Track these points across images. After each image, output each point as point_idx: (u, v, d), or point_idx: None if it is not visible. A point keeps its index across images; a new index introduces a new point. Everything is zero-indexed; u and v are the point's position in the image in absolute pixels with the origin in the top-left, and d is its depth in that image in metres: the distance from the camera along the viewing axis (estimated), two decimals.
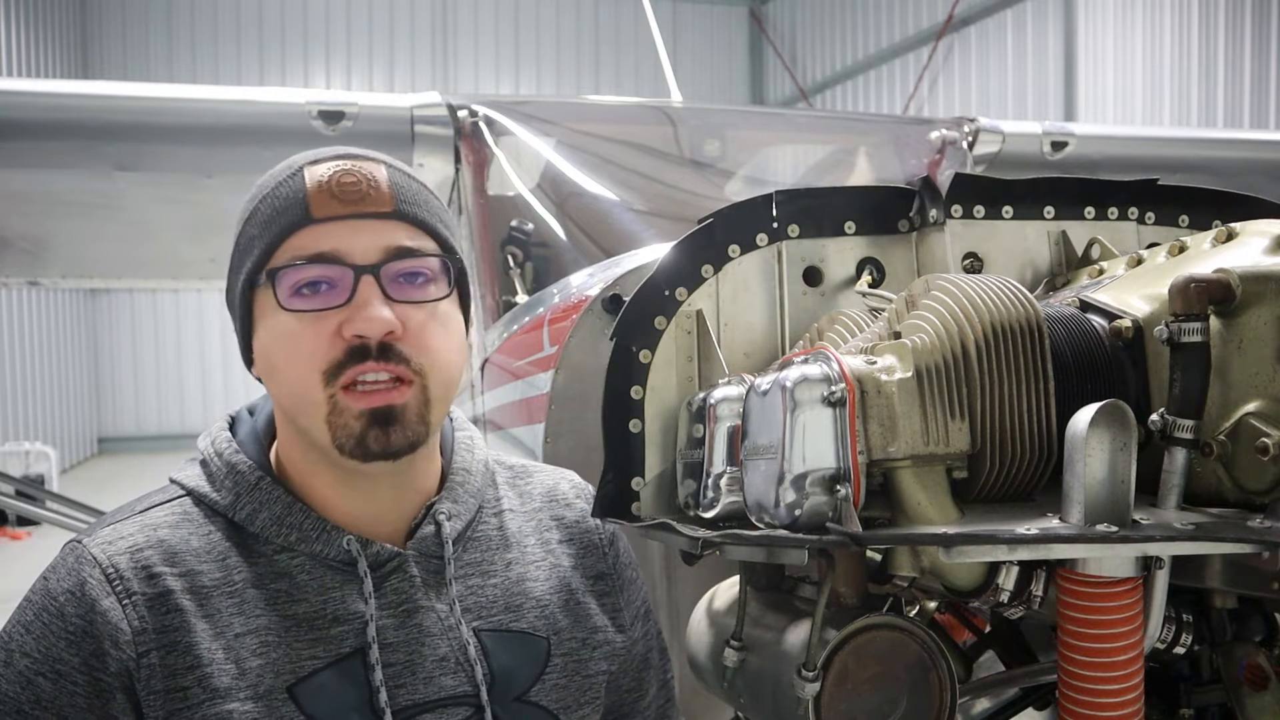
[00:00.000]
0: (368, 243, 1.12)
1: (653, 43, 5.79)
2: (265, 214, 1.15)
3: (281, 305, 1.11)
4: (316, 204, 1.12)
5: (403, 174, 1.19)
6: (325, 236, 1.12)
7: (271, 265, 1.13)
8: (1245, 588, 1.09)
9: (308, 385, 1.11)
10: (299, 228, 1.12)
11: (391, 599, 1.16)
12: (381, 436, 1.11)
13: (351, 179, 1.13)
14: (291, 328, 1.11)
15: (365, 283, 1.11)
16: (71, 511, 5.67)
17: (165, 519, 1.15)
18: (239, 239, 1.18)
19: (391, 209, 1.14)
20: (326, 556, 1.15)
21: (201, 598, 1.10)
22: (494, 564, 1.26)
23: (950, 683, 1.09)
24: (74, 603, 1.08)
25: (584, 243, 3.11)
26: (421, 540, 1.20)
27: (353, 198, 1.13)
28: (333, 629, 1.13)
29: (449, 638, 1.17)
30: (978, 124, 3.96)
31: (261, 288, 1.14)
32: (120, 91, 3.63)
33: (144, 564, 1.10)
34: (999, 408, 1.07)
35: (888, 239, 1.42)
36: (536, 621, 1.25)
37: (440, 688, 1.15)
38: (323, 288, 1.11)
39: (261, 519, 1.15)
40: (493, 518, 1.30)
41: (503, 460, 1.40)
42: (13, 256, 5.40)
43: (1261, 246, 1.10)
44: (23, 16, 13.41)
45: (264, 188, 1.18)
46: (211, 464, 1.20)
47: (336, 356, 1.10)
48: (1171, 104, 10.34)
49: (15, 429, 13.12)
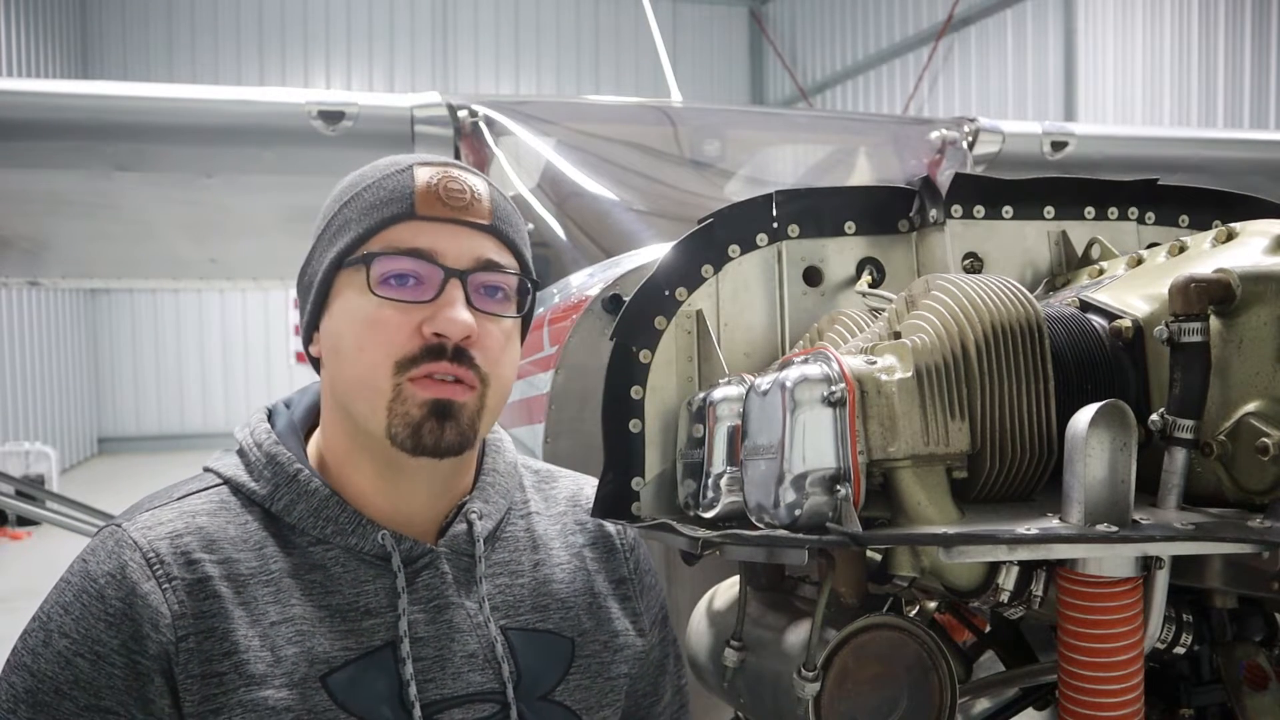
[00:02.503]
0: (461, 249, 1.17)
1: (653, 43, 5.80)
2: (369, 200, 1.18)
3: (371, 289, 1.14)
4: (423, 202, 1.17)
5: (500, 193, 1.24)
6: (424, 234, 1.16)
7: (368, 250, 1.16)
8: (1245, 588, 1.08)
9: (377, 372, 1.13)
10: (402, 220, 1.16)
11: (423, 594, 1.18)
12: (436, 429, 1.13)
13: (458, 186, 1.19)
14: (374, 313, 1.14)
15: (452, 285, 1.15)
16: (71, 511, 5.66)
17: (204, 506, 1.17)
18: (333, 219, 1.21)
19: (489, 222, 1.20)
20: (361, 550, 1.17)
21: (238, 585, 1.12)
22: (522, 564, 1.28)
23: (950, 683, 1.09)
24: (114, 585, 1.09)
25: (584, 243, 3.11)
26: (453, 538, 1.23)
27: (457, 204, 1.18)
28: (365, 621, 1.15)
29: (478, 635, 1.20)
30: (978, 124, 3.96)
31: (352, 269, 1.17)
32: (120, 91, 3.63)
33: (183, 550, 1.12)
34: (999, 408, 1.06)
35: (888, 239, 1.42)
36: (562, 623, 1.27)
37: (468, 683, 1.17)
38: (410, 282, 1.15)
39: (299, 510, 1.17)
40: (520, 519, 1.33)
41: (528, 464, 1.44)
42: (13, 256, 5.41)
43: (1261, 246, 1.10)
44: (23, 16, 13.41)
45: (367, 177, 1.21)
46: (250, 454, 1.21)
47: (413, 351, 1.13)
48: (1171, 104, 10.34)
49: (15, 429, 13.12)
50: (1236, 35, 9.69)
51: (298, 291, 1.27)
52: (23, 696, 1.08)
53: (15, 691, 1.08)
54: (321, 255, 1.21)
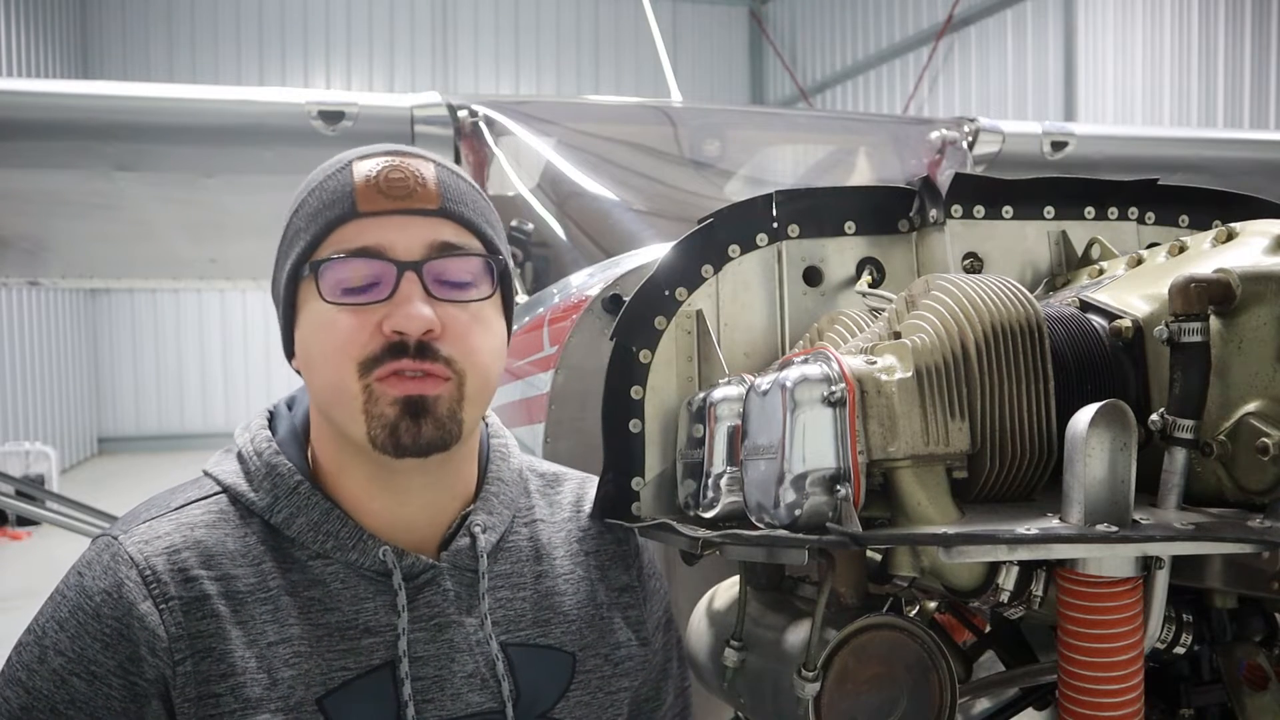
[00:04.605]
0: (412, 239, 1.12)
1: (653, 43, 5.80)
2: (312, 206, 1.15)
3: (324, 297, 1.11)
4: (363, 198, 1.12)
5: (451, 173, 1.18)
6: (369, 230, 1.12)
7: (315, 257, 1.12)
8: (1245, 588, 1.09)
9: (344, 376, 1.10)
10: (345, 221, 1.12)
11: (424, 612, 1.15)
12: (413, 427, 1.09)
13: (399, 175, 1.13)
14: (332, 319, 1.11)
15: (407, 279, 1.10)
16: (71, 511, 5.65)
17: (202, 518, 1.14)
18: (285, 231, 1.18)
19: (438, 206, 1.14)
20: (361, 566, 1.14)
21: (236, 603, 1.09)
22: (524, 576, 1.25)
23: (950, 683, 1.09)
24: (110, 604, 1.06)
25: (584, 243, 3.11)
26: (456, 553, 1.19)
27: (399, 193, 1.12)
28: (364, 640, 1.12)
29: (477, 653, 1.17)
30: (978, 124, 3.96)
31: (305, 280, 1.13)
32: (120, 91, 3.63)
33: (181, 566, 1.09)
34: (999, 408, 1.06)
35: (888, 239, 1.42)
36: (563, 637, 1.24)
37: (467, 704, 1.15)
38: (365, 281, 1.11)
39: (299, 524, 1.14)
40: (524, 528, 1.29)
41: (535, 467, 1.39)
42: (13, 256, 5.41)
43: (1261, 246, 1.10)
44: (23, 16, 13.41)
45: (312, 181, 1.17)
46: (250, 463, 1.18)
47: (374, 350, 1.09)
48: (1171, 104, 10.33)
49: (15, 429, 13.11)
50: (1236, 35, 9.69)
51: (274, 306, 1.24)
52: (17, 713, 1.05)
53: (10, 707, 1.06)
54: (280, 268, 1.18)
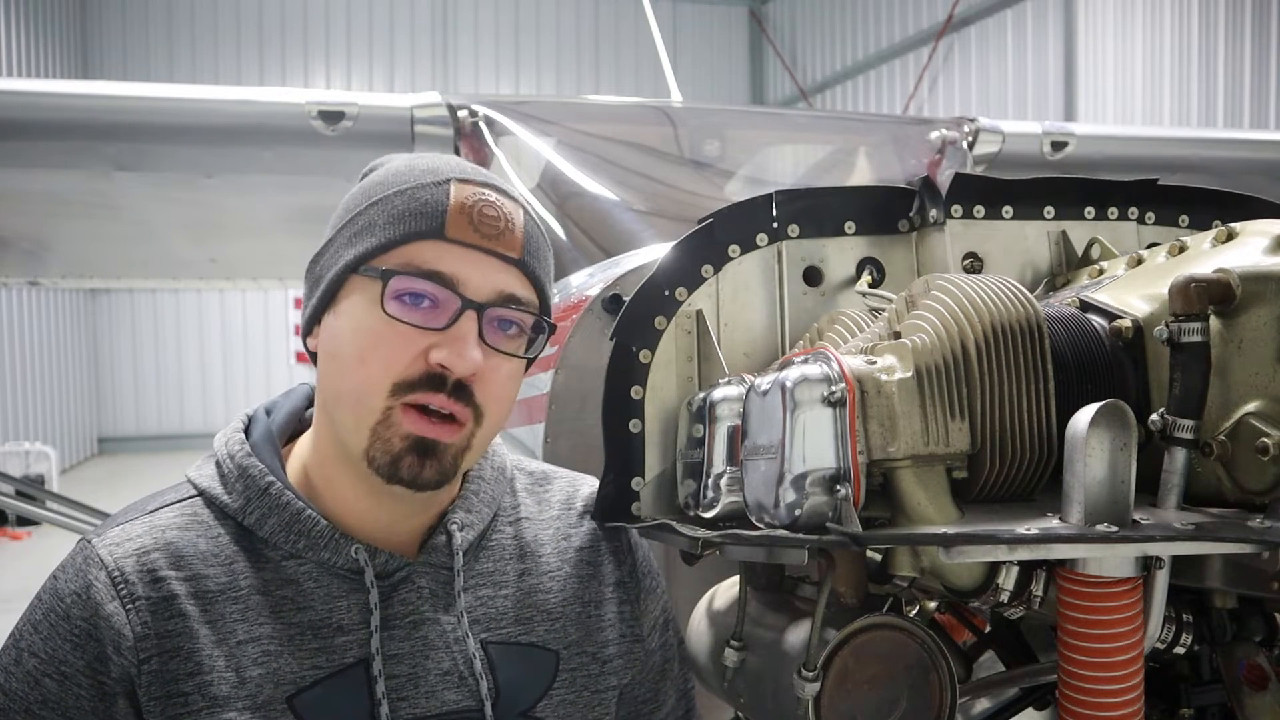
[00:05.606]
0: (485, 280, 1.11)
1: (653, 43, 5.80)
2: (398, 208, 1.12)
3: (383, 306, 1.09)
4: (454, 224, 1.10)
5: (535, 224, 1.17)
6: (449, 258, 1.10)
7: (386, 263, 1.10)
8: (1245, 588, 1.08)
9: (371, 389, 1.09)
10: (428, 238, 1.10)
11: (398, 610, 1.15)
12: (416, 465, 1.09)
13: (494, 213, 1.12)
14: (381, 329, 1.09)
15: (468, 317, 1.09)
16: (71, 511, 5.66)
17: (174, 520, 1.15)
18: (357, 216, 1.14)
19: (518, 255, 1.13)
20: (334, 565, 1.14)
21: (206, 603, 1.10)
22: (506, 574, 1.24)
23: (950, 683, 1.09)
24: (79, 605, 1.08)
25: (584, 243, 3.10)
26: (433, 550, 1.19)
27: (489, 231, 1.11)
28: (336, 639, 1.12)
29: (454, 650, 1.16)
30: (978, 124, 3.96)
31: (366, 277, 1.11)
32: (120, 91, 3.63)
33: (150, 567, 1.10)
34: (999, 408, 1.07)
35: (888, 239, 1.42)
36: (547, 635, 1.23)
37: (443, 702, 1.14)
38: (425, 303, 1.09)
39: (270, 524, 1.14)
40: (508, 526, 1.28)
41: (524, 466, 1.39)
42: (13, 256, 5.41)
43: (1261, 246, 1.10)
44: (23, 16, 13.41)
45: (400, 179, 1.14)
46: (224, 465, 1.18)
47: (413, 376, 1.08)
48: (1171, 104, 10.33)
49: (15, 429, 13.12)
50: (1236, 35, 9.69)
51: (305, 280, 1.20)
52: None
53: None
54: (338, 253, 1.14)
